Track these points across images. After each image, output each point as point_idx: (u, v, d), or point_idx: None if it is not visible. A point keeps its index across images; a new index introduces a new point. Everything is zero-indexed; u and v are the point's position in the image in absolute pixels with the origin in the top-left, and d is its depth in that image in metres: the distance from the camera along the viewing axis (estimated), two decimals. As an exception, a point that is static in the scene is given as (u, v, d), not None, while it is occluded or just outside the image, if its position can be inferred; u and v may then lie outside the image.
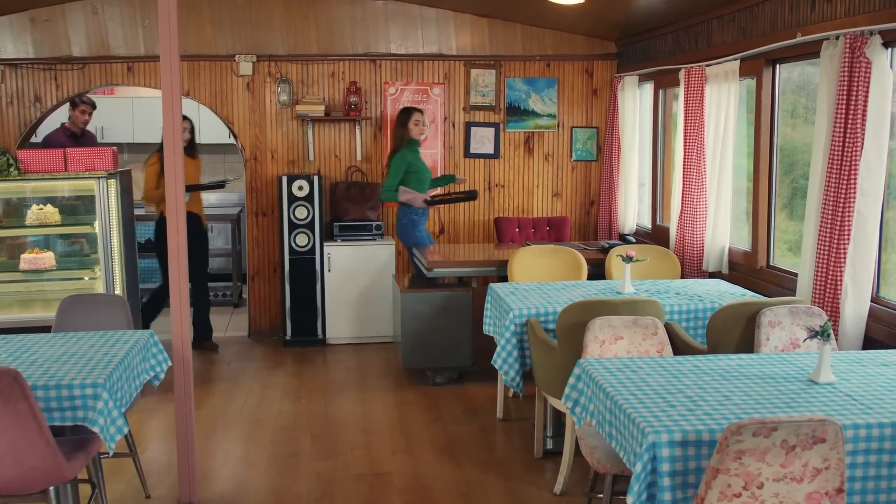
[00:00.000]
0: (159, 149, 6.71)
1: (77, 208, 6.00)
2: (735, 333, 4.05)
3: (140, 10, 7.12)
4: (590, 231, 7.79)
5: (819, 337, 3.19)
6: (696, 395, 3.04)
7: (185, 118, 6.71)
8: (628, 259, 4.93)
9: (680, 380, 3.23)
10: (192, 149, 6.96)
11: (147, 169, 6.88)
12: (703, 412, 2.86)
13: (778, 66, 5.13)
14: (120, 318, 4.28)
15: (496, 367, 4.70)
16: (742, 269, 5.48)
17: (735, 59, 5.28)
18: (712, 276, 5.72)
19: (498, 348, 4.70)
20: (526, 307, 4.62)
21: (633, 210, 7.20)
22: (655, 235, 6.84)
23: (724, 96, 5.45)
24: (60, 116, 8.67)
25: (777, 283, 5.06)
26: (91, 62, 7.16)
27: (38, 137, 8.86)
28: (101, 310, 4.31)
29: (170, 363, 4.05)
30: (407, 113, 6.73)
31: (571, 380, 3.50)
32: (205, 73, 7.28)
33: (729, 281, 5.42)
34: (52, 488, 3.25)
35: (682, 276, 5.84)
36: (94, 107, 7.28)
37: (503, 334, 4.66)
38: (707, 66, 5.63)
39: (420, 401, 5.80)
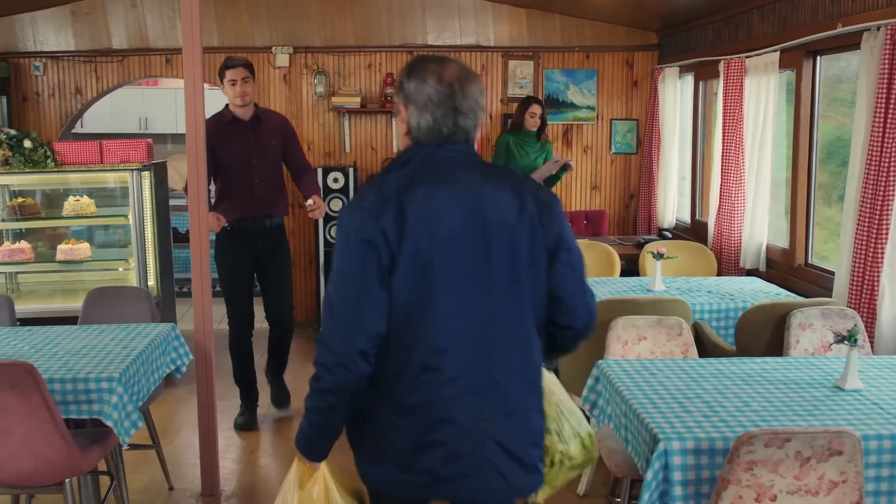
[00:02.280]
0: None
1: (113, 200, 6.07)
2: (765, 335, 3.93)
3: (178, 3, 7.15)
4: (629, 225, 7.65)
5: (846, 342, 3.06)
6: (713, 401, 2.94)
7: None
8: (659, 256, 4.82)
9: (699, 384, 3.13)
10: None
11: None
12: (720, 419, 2.77)
13: (818, 57, 4.96)
14: (144, 311, 4.30)
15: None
16: (780, 266, 5.32)
17: (775, 51, 5.12)
18: (749, 273, 5.56)
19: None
20: (552, 304, 4.53)
21: (672, 204, 7.04)
22: (694, 230, 6.69)
23: (763, 89, 5.29)
24: (101, 108, 8.79)
25: (815, 283, 4.90)
26: (130, 54, 7.22)
27: (83, 128, 9.02)
28: (125, 302, 4.34)
29: (191, 356, 4.05)
30: (527, 102, 6.32)
31: (590, 381, 3.42)
32: (242, 65, 7.29)
33: (765, 279, 5.25)
34: (67, 480, 3.28)
35: (719, 273, 5.69)
36: (248, 68, 5.00)
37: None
38: (747, 57, 5.46)
39: (449, 396, 5.74)
